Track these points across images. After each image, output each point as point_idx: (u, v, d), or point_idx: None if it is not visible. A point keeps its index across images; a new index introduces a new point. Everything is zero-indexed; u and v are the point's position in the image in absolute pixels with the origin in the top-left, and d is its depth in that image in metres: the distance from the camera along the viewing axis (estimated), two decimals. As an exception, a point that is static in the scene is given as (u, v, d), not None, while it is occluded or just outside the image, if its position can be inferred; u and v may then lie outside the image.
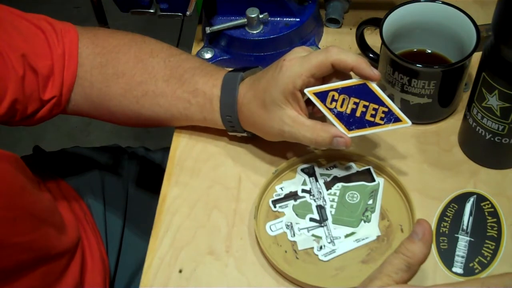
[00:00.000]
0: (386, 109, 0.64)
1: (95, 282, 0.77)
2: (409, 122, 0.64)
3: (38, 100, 0.70)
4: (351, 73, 0.64)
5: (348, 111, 0.65)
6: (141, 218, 0.70)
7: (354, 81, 0.64)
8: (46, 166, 0.89)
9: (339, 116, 0.65)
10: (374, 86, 0.64)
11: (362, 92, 0.64)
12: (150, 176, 0.91)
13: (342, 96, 0.65)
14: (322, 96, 0.65)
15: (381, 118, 0.64)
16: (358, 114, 0.65)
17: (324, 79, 0.66)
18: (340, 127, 0.66)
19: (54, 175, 0.86)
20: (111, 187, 0.89)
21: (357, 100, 0.65)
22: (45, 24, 0.72)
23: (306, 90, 0.65)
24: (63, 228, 0.72)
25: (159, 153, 0.98)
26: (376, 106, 0.64)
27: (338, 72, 0.65)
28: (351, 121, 0.65)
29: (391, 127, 0.65)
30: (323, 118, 0.66)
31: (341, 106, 0.65)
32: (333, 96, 0.65)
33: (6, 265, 0.61)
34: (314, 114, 0.68)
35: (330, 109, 0.65)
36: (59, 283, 0.70)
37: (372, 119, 0.65)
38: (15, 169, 0.63)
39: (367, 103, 0.64)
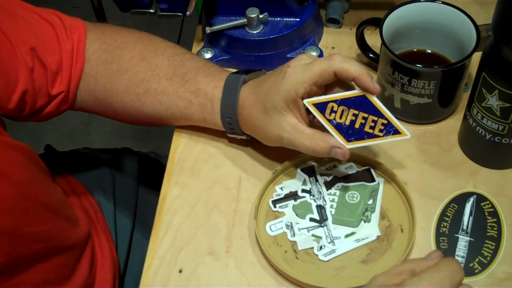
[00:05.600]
0: (385, 121, 0.64)
1: (105, 278, 0.77)
2: (409, 135, 0.64)
3: (47, 95, 0.71)
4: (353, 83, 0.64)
5: (347, 122, 0.65)
6: (150, 218, 0.70)
7: (353, 92, 0.64)
8: (57, 164, 0.89)
9: (338, 127, 0.65)
10: (373, 98, 0.64)
11: (361, 104, 0.64)
12: (160, 178, 0.92)
13: (341, 108, 0.64)
14: (321, 107, 0.65)
15: (380, 130, 0.64)
16: (357, 125, 0.65)
17: (327, 88, 0.66)
18: (339, 138, 0.65)
19: (65, 173, 0.86)
20: (121, 187, 0.90)
21: (356, 112, 0.64)
22: (55, 19, 0.72)
23: (305, 101, 0.65)
24: (75, 221, 0.73)
25: None
26: (375, 118, 0.64)
27: (341, 82, 0.65)
28: (350, 132, 0.65)
29: (390, 139, 0.64)
30: (322, 127, 0.66)
31: (340, 118, 0.65)
32: (332, 107, 0.65)
33: (19, 255, 0.62)
34: (314, 123, 0.67)
35: (329, 120, 0.65)
36: (71, 278, 0.71)
37: (371, 131, 0.65)
38: (27, 160, 0.64)
39: (366, 115, 0.64)
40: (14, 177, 0.61)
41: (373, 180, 0.71)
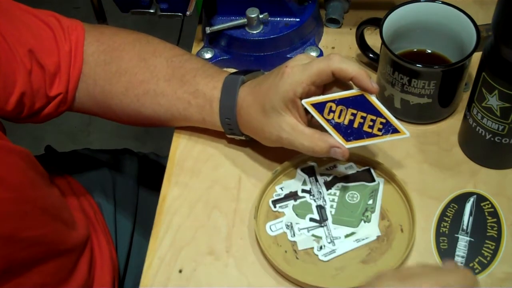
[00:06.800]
0: (384, 120, 0.64)
1: (104, 280, 0.77)
2: (407, 133, 0.64)
3: (45, 97, 0.70)
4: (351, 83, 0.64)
5: (346, 122, 0.65)
6: (150, 220, 0.71)
7: (351, 92, 0.64)
8: (57, 165, 0.89)
9: (337, 127, 0.65)
10: (372, 98, 0.64)
11: (359, 103, 0.64)
12: (160, 179, 0.92)
13: (339, 107, 0.64)
14: (319, 107, 0.65)
15: (379, 129, 0.64)
16: (355, 125, 0.65)
17: (325, 88, 0.66)
18: (338, 138, 0.65)
19: (65, 174, 0.86)
20: (122, 188, 0.90)
21: (354, 111, 0.64)
22: (53, 20, 0.72)
23: (304, 101, 0.65)
24: (72, 224, 0.73)
25: None
26: (374, 117, 0.64)
27: (339, 81, 0.65)
28: (349, 132, 0.65)
29: (389, 138, 0.64)
30: (321, 127, 0.66)
31: (339, 117, 0.65)
32: (331, 107, 0.65)
33: (16, 259, 0.62)
34: (312, 123, 0.67)
35: (327, 120, 0.65)
36: (69, 280, 0.71)
37: (370, 130, 0.65)
38: (25, 164, 0.64)
39: (364, 114, 0.64)
40: (12, 182, 0.60)
41: (373, 180, 0.71)
